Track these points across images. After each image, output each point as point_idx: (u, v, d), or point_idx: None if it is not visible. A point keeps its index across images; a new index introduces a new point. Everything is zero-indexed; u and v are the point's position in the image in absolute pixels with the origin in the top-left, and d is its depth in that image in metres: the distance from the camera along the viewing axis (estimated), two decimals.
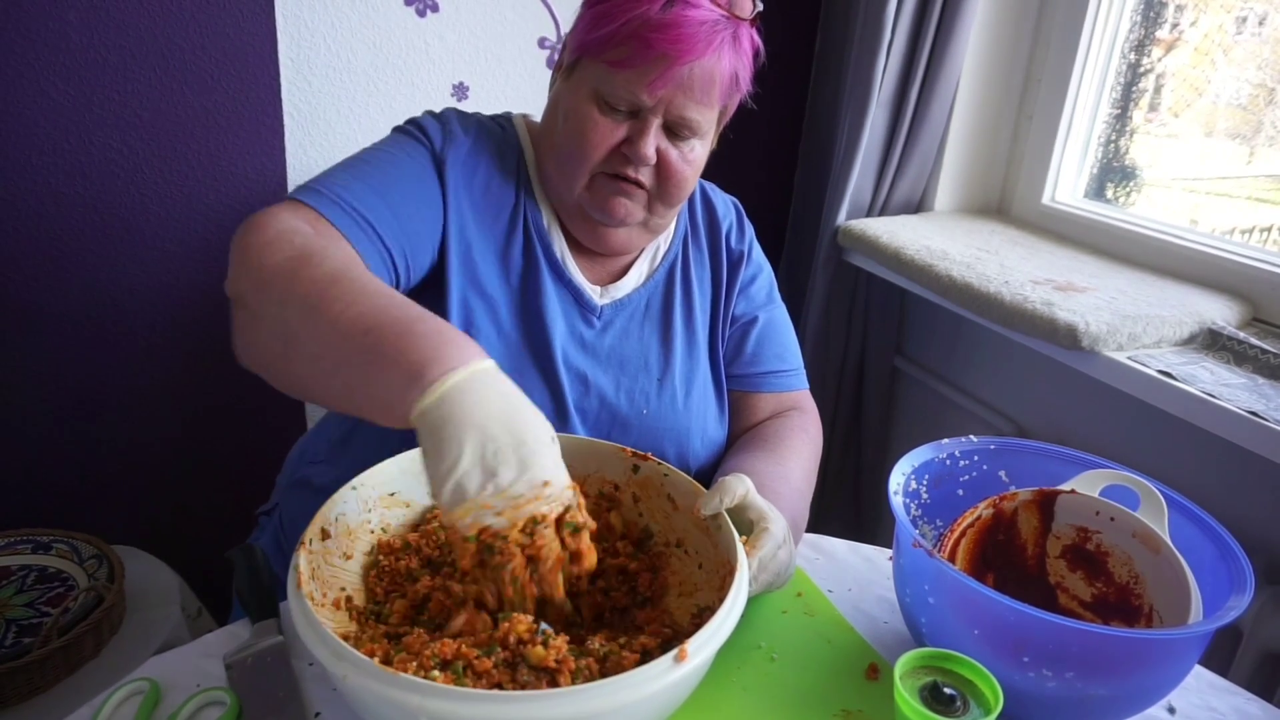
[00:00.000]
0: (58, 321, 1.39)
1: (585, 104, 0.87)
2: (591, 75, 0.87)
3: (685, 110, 0.86)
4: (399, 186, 0.85)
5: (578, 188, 0.91)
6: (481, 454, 0.57)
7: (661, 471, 0.80)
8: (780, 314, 1.09)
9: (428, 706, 0.53)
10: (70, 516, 1.46)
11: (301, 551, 0.65)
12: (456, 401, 0.57)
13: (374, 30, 1.46)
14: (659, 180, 0.90)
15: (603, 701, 0.55)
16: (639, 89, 0.84)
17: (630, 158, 0.87)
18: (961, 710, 0.63)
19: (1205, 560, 0.74)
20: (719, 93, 0.88)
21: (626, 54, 0.83)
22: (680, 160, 0.89)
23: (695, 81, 0.85)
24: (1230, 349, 1.18)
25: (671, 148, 0.89)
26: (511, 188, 0.94)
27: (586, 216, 0.93)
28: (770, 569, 0.75)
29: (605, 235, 0.94)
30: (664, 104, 0.86)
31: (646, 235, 0.97)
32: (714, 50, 0.84)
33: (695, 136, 0.90)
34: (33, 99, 1.28)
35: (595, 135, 0.87)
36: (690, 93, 0.85)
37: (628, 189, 0.90)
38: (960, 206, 1.75)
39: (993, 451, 0.86)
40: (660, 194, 0.91)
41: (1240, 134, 1.48)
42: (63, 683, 1.08)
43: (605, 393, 0.95)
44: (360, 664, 0.56)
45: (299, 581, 0.62)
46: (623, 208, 0.91)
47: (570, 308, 0.95)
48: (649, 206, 0.92)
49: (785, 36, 1.82)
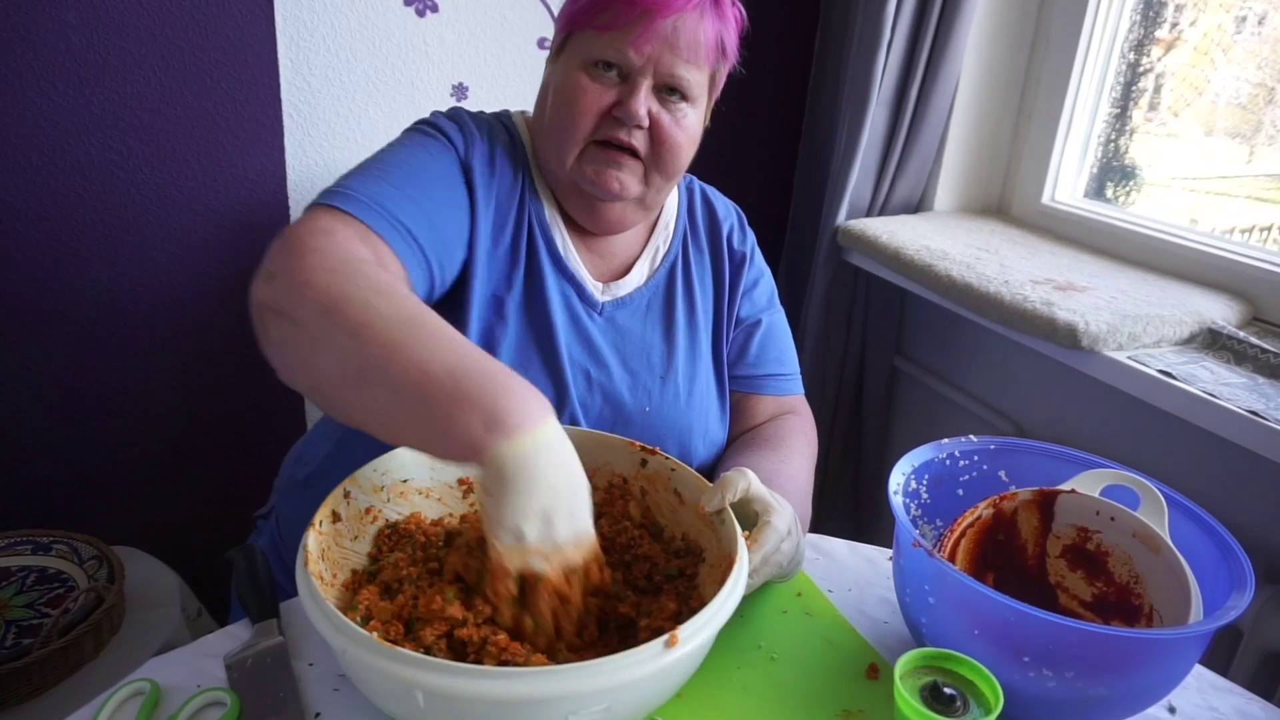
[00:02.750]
0: (57, 322, 1.39)
1: (574, 74, 0.88)
2: (580, 46, 0.88)
3: (674, 68, 0.87)
4: (432, 193, 0.85)
5: (570, 160, 0.90)
6: (544, 507, 0.62)
7: (669, 466, 0.81)
8: (780, 319, 1.10)
9: (424, 681, 0.55)
10: (70, 517, 1.46)
11: (311, 532, 0.68)
12: (535, 455, 0.61)
13: (373, 31, 1.46)
14: (653, 145, 0.90)
15: (593, 681, 0.56)
16: (625, 46, 0.85)
17: (622, 119, 0.87)
18: (961, 710, 0.63)
19: (1205, 560, 0.74)
20: (705, 53, 0.88)
21: (611, 16, 0.85)
22: (673, 124, 0.89)
23: (681, 38, 0.86)
24: (1230, 348, 1.18)
25: (663, 111, 0.89)
26: (519, 184, 0.95)
27: (582, 193, 0.93)
28: (774, 562, 0.76)
29: (601, 211, 0.94)
30: (652, 63, 0.86)
31: (642, 212, 0.96)
32: (695, 5, 0.85)
33: (686, 101, 0.90)
34: (33, 99, 1.28)
35: (585, 100, 0.87)
36: (676, 49, 0.86)
37: (621, 159, 0.89)
38: (960, 206, 1.75)
39: (993, 451, 0.86)
40: (656, 161, 0.90)
41: (1240, 133, 1.48)
42: (63, 684, 1.08)
43: (608, 388, 0.96)
44: (360, 639, 0.57)
45: (307, 560, 0.65)
46: (616, 181, 0.90)
47: (574, 301, 0.95)
48: (645, 179, 0.92)
49: (785, 36, 1.82)
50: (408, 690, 0.56)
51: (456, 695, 0.55)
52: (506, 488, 0.61)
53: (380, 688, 0.60)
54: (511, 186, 0.94)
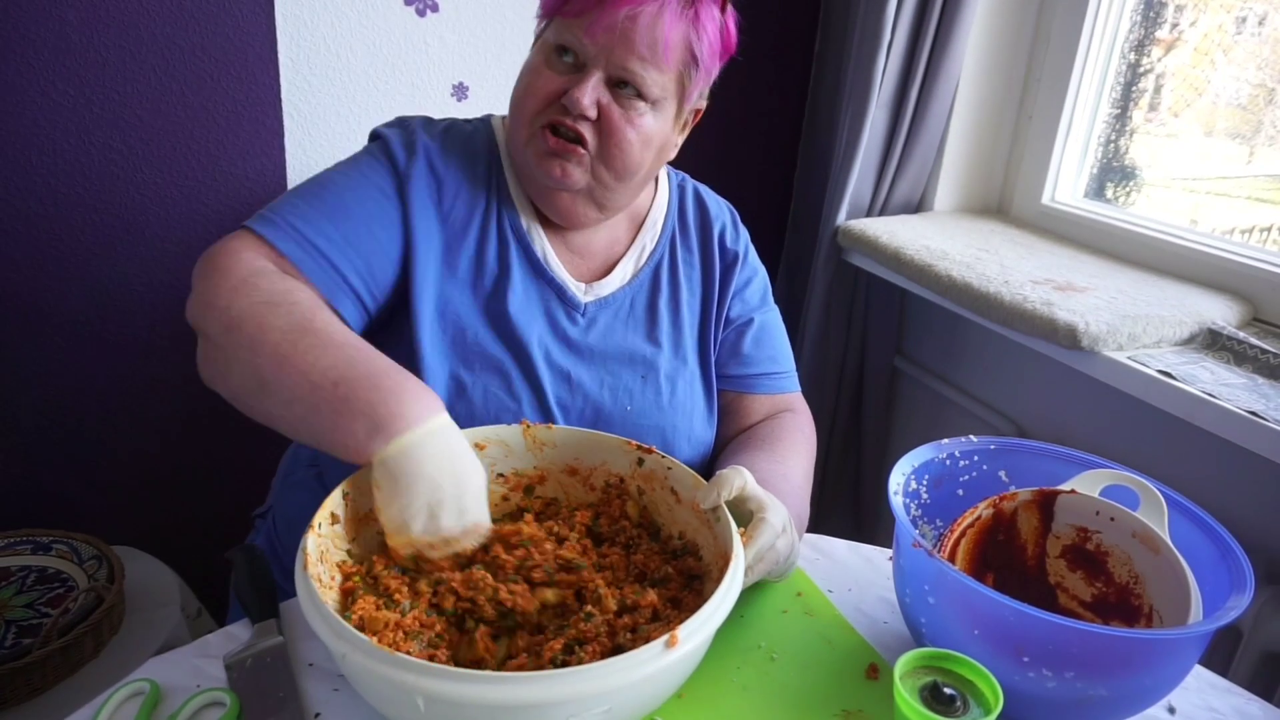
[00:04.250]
0: (57, 322, 1.39)
1: (536, 59, 0.90)
2: (549, 32, 0.89)
3: (627, 62, 0.85)
4: (354, 210, 0.87)
5: (521, 142, 0.91)
6: (428, 502, 0.68)
7: (665, 465, 0.82)
8: (774, 317, 1.09)
9: (425, 686, 0.55)
10: (70, 517, 1.46)
11: (310, 535, 0.68)
12: (416, 453, 0.67)
13: (374, 30, 1.46)
14: (600, 138, 0.88)
15: (595, 684, 0.56)
16: (580, 32, 0.85)
17: (567, 107, 0.86)
18: (961, 710, 0.63)
19: (1205, 560, 0.74)
20: (665, 54, 0.86)
21: (575, 4, 0.85)
22: (623, 119, 0.87)
23: (637, 33, 0.84)
24: (1230, 349, 1.18)
25: (614, 105, 0.87)
26: (483, 193, 0.94)
27: (535, 181, 0.93)
28: (769, 559, 0.76)
29: (551, 199, 0.93)
30: (604, 54, 0.85)
31: (595, 209, 0.94)
32: (655, 1, 0.84)
33: (643, 99, 0.88)
34: (33, 99, 1.28)
35: (537, 83, 0.88)
36: (630, 44, 0.85)
37: (566, 148, 0.88)
38: (960, 206, 1.75)
39: (993, 451, 0.86)
40: (602, 155, 0.89)
41: (1240, 134, 1.48)
42: (63, 683, 1.08)
43: (588, 389, 0.96)
44: (359, 643, 0.57)
45: (305, 563, 0.65)
46: (559, 167, 0.89)
47: (554, 305, 0.95)
48: (592, 171, 0.90)
49: (785, 36, 1.82)
50: (408, 695, 0.56)
51: (458, 700, 0.55)
52: (391, 486, 0.67)
53: (380, 692, 0.60)
54: (472, 200, 0.93)
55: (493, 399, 0.91)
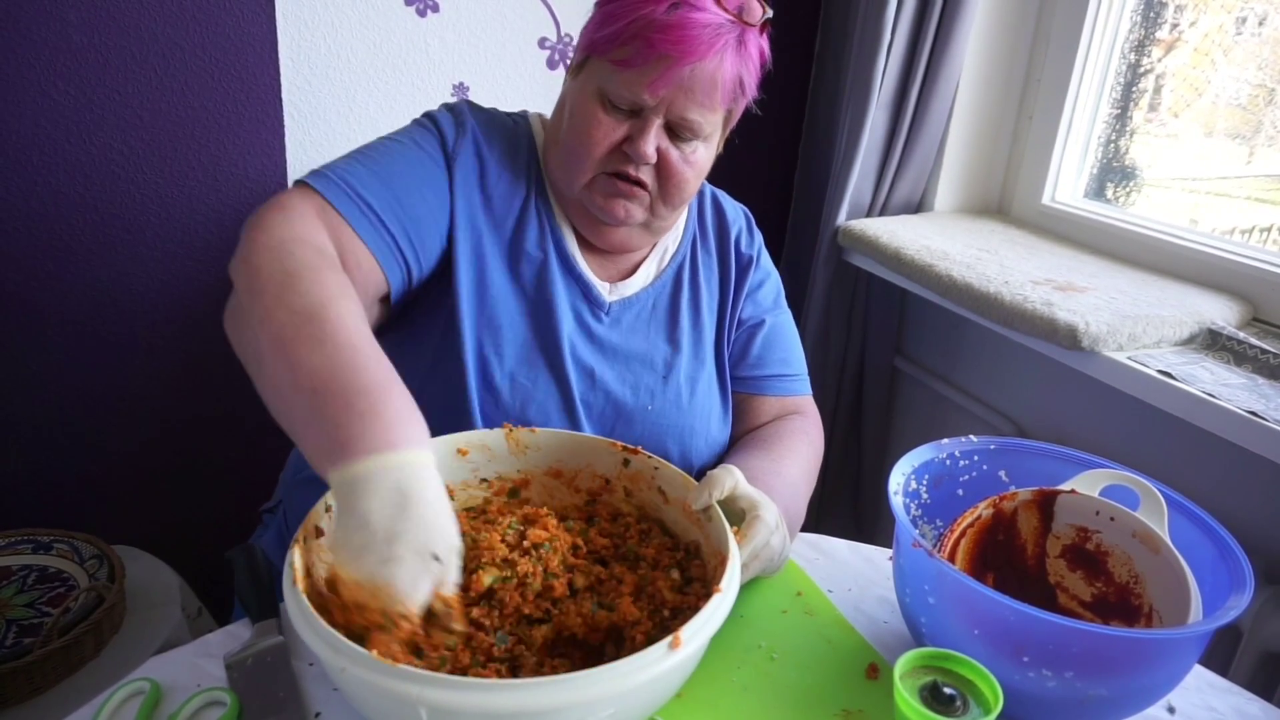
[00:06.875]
0: (58, 321, 1.39)
1: (590, 102, 0.88)
2: (597, 74, 0.88)
3: (686, 112, 0.87)
4: (406, 172, 0.87)
5: (579, 185, 0.92)
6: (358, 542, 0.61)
7: (652, 465, 0.82)
8: (786, 320, 1.10)
9: (426, 697, 0.54)
10: (70, 516, 1.46)
11: (296, 548, 0.66)
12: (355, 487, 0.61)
13: (374, 30, 1.46)
14: (660, 180, 0.91)
15: (599, 688, 0.56)
16: (640, 88, 0.85)
17: (631, 156, 0.88)
18: (961, 710, 0.63)
19: (1205, 560, 0.74)
20: (722, 96, 0.88)
21: (630, 53, 0.84)
22: (681, 161, 0.90)
23: (697, 83, 0.85)
24: (1230, 349, 1.18)
25: (673, 148, 0.89)
26: (523, 183, 0.96)
27: (588, 214, 0.94)
28: (764, 556, 0.77)
29: (606, 233, 0.95)
30: (665, 104, 0.86)
31: (647, 236, 0.98)
32: (716, 53, 0.84)
33: (697, 138, 0.90)
34: (33, 99, 1.28)
35: (597, 133, 0.88)
36: (692, 94, 0.86)
37: (628, 189, 0.90)
38: (960, 206, 1.75)
39: (993, 451, 0.86)
40: (662, 194, 0.92)
41: (1240, 134, 1.48)
42: (63, 683, 1.08)
43: (611, 387, 0.96)
44: (357, 656, 0.56)
45: (294, 578, 0.63)
46: (622, 209, 0.92)
47: (580, 302, 0.96)
48: (650, 208, 0.93)
49: (785, 36, 1.81)
50: (411, 707, 0.54)
51: (462, 710, 0.54)
52: (336, 512, 0.63)
53: (380, 705, 0.58)
54: (513, 187, 0.95)
55: (519, 388, 0.91)
